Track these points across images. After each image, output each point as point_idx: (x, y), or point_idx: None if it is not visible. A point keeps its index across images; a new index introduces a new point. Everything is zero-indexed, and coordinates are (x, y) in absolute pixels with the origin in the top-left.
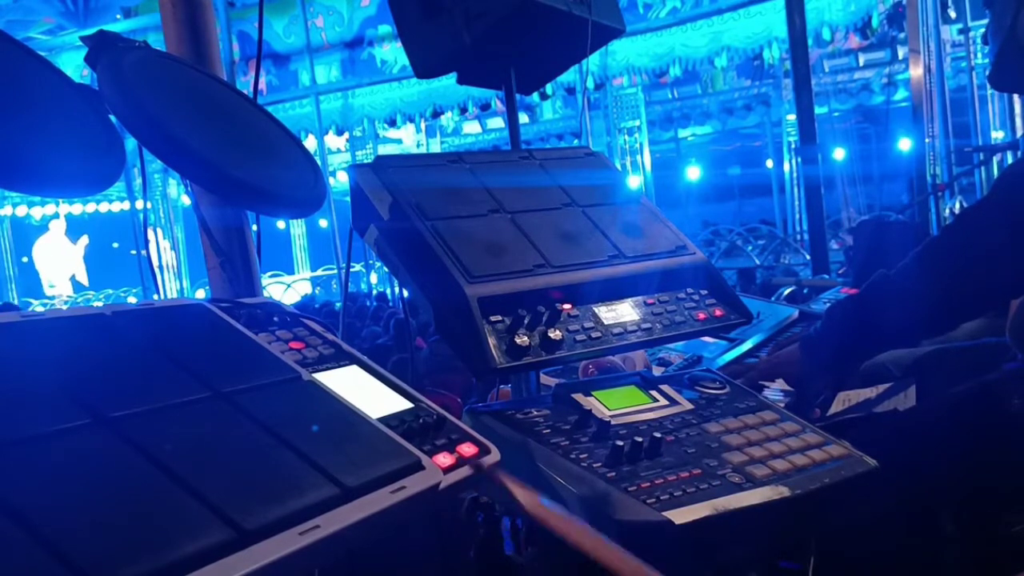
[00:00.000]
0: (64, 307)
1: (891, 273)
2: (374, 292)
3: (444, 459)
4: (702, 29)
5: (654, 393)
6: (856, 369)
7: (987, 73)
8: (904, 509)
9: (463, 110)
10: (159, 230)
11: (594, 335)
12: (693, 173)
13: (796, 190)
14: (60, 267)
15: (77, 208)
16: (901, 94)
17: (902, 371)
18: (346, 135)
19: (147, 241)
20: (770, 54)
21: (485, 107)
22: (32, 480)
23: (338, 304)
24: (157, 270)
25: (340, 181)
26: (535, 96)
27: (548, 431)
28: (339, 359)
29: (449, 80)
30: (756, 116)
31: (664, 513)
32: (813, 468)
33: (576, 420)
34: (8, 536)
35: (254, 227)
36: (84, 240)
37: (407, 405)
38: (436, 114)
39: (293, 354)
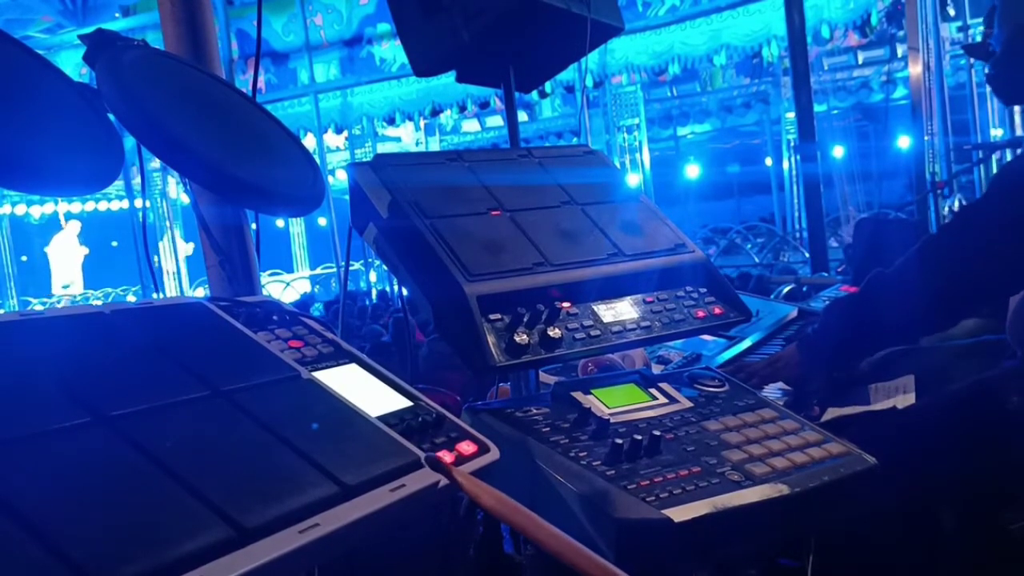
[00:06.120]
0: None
1: (888, 271)
2: (374, 291)
3: (443, 457)
4: (701, 27)
5: (653, 391)
6: (855, 367)
7: (992, 84)
8: (903, 506)
9: (462, 108)
10: (175, 230)
11: (593, 333)
12: (692, 171)
13: (795, 188)
14: (72, 266)
15: (76, 207)
16: (900, 92)
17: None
18: (345, 133)
19: (146, 240)
20: (769, 52)
21: (484, 105)
22: (32, 479)
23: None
24: (168, 270)
25: (339, 179)
26: (534, 94)
27: (547, 429)
28: (338, 358)
29: (448, 78)
30: (755, 114)
31: (663, 511)
32: (812, 466)
33: (575, 418)
34: (8, 535)
35: (253, 225)
36: (85, 250)
37: (406, 403)
38: (435, 112)
39: (292, 352)
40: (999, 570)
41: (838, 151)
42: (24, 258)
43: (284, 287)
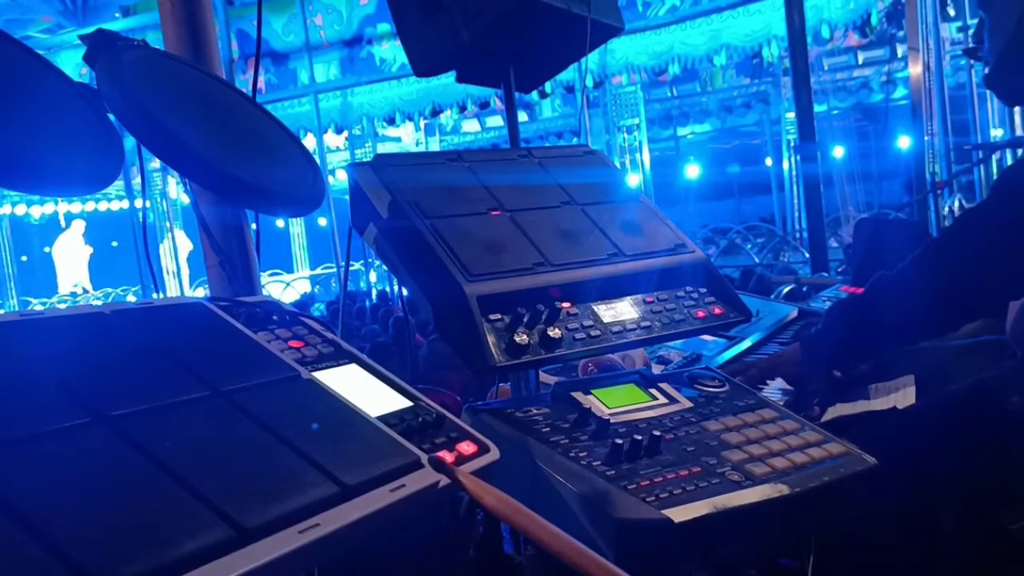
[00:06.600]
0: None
1: (892, 274)
2: (374, 291)
3: (444, 457)
4: (701, 27)
5: (653, 391)
6: (856, 369)
7: (991, 88)
8: (903, 506)
9: (462, 108)
10: (176, 229)
11: (593, 333)
12: (692, 171)
13: (795, 188)
14: (78, 265)
15: (77, 207)
16: (900, 92)
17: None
18: (345, 133)
19: (146, 240)
20: (769, 52)
21: (484, 105)
22: (32, 479)
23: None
24: (169, 269)
25: (339, 179)
26: (534, 94)
27: (547, 429)
28: (338, 358)
29: (448, 78)
30: (755, 114)
31: (663, 511)
32: (812, 466)
33: (575, 418)
34: (8, 535)
35: (253, 225)
36: (90, 249)
37: (406, 403)
38: (435, 112)
39: (292, 353)
40: (999, 570)
41: (838, 151)
42: (24, 258)
43: (284, 287)
